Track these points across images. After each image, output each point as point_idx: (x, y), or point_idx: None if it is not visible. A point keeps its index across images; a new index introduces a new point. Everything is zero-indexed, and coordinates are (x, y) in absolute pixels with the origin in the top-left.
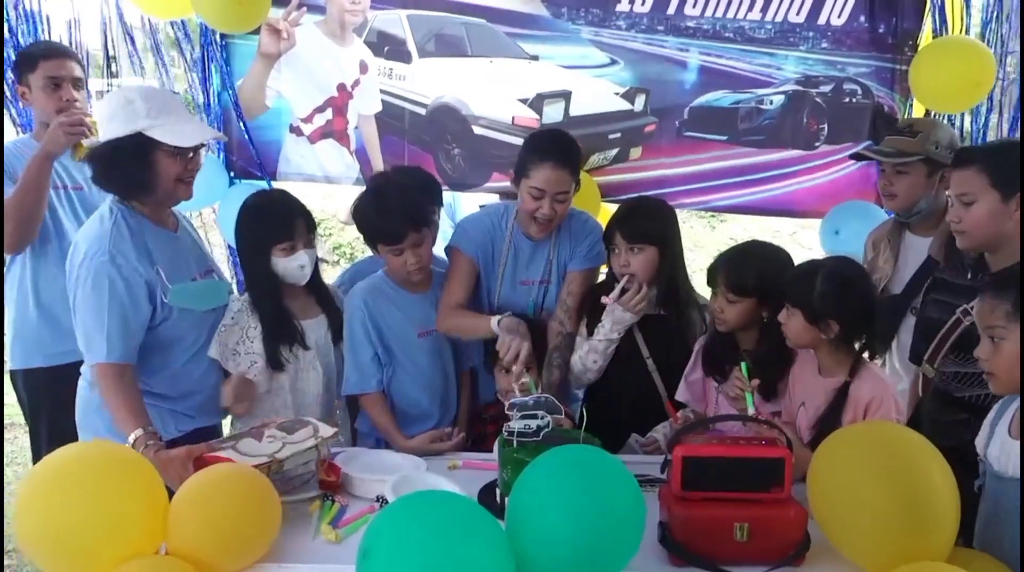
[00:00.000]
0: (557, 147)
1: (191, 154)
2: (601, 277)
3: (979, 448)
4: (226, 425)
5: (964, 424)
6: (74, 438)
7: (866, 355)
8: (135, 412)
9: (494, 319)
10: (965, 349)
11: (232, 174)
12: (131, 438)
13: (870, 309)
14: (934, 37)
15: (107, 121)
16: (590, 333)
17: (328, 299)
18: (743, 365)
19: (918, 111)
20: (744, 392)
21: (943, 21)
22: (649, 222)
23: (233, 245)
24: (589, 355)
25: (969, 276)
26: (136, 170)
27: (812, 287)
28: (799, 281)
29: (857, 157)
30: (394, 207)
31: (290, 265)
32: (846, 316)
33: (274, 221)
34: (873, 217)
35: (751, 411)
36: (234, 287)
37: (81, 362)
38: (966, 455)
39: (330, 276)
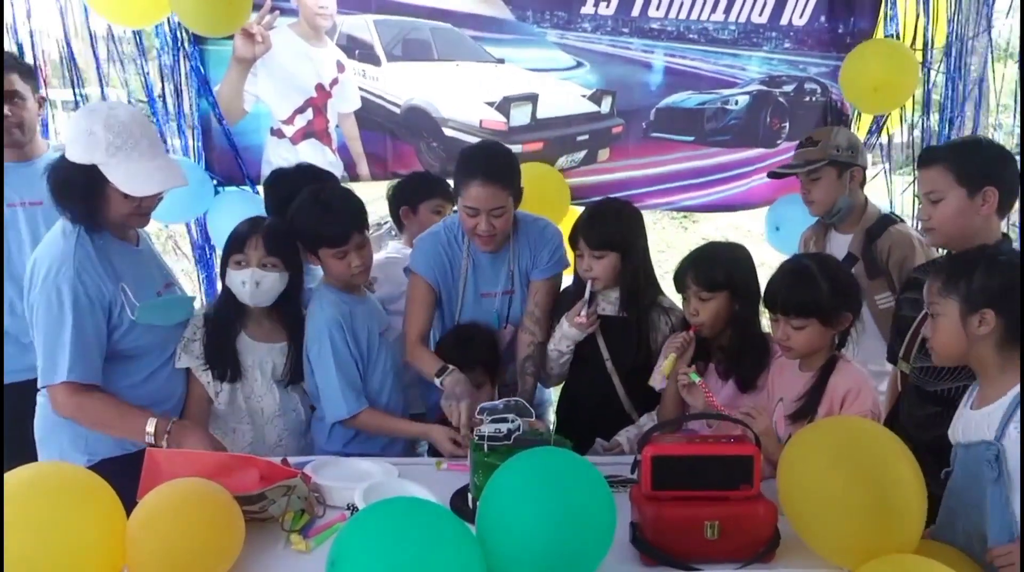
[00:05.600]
0: (485, 163)
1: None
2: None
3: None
4: None
5: (938, 417)
6: (28, 456)
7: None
8: (130, 412)
9: (437, 378)
10: None
11: (216, 182)
12: (150, 431)
13: (857, 287)
14: (886, 36)
15: (69, 143)
16: None
17: (298, 330)
18: (691, 375)
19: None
20: (689, 376)
21: (895, 21)
22: (612, 228)
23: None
24: (546, 362)
25: None
26: (85, 202)
27: (818, 290)
28: (798, 291)
29: (774, 175)
30: (337, 209)
31: (234, 278)
32: (852, 304)
33: (234, 233)
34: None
35: (697, 380)
36: (201, 298)
37: (35, 380)
38: (942, 448)
39: (312, 277)
